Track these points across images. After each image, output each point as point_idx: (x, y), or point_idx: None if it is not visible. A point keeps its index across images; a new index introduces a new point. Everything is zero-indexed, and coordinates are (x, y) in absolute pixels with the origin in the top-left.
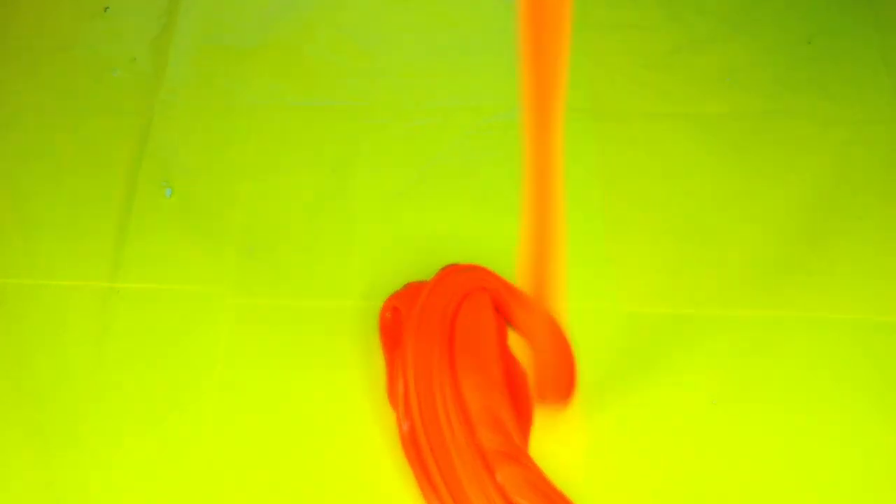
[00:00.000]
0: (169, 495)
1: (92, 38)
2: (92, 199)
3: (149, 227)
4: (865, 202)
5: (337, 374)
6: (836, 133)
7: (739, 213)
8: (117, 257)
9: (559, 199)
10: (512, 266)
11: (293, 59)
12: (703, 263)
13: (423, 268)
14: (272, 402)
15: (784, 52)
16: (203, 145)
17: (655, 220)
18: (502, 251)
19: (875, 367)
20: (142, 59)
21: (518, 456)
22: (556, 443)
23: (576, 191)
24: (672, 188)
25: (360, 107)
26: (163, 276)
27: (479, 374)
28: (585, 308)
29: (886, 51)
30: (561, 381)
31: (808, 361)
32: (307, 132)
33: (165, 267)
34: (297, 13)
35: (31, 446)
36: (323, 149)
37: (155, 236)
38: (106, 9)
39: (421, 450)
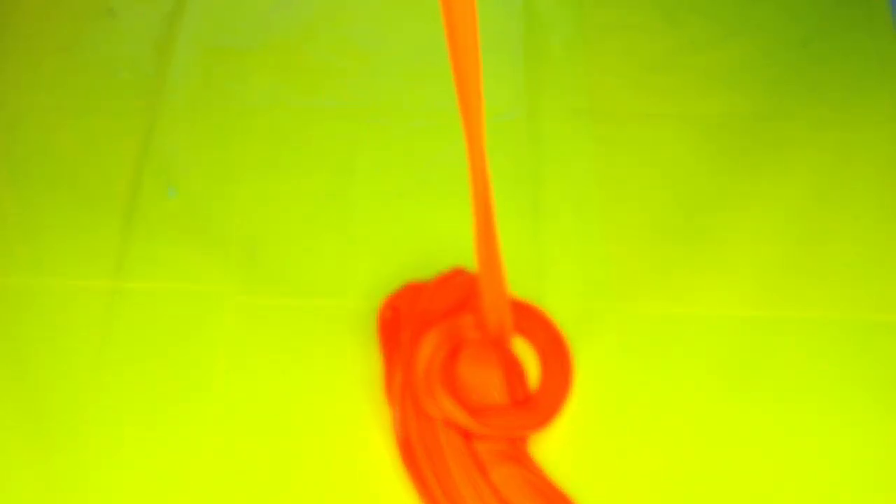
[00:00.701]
0: (170, 493)
1: (96, 39)
2: (96, 199)
3: (152, 227)
4: (861, 203)
5: (337, 372)
6: (831, 134)
7: (737, 213)
8: (121, 256)
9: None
10: (511, 267)
11: (294, 61)
12: (701, 264)
13: (422, 268)
14: (273, 399)
15: (780, 54)
16: (206, 145)
17: (653, 221)
18: (502, 252)
19: (873, 365)
20: (145, 60)
21: (516, 455)
22: (554, 441)
23: (574, 191)
24: (670, 189)
25: (361, 108)
26: (166, 275)
27: (478, 374)
28: (583, 308)
29: (881, 54)
30: (558, 381)
31: (807, 360)
32: (309, 133)
33: (168, 266)
34: (298, 15)
35: (32, 444)
36: (324, 149)
37: (158, 236)
38: (110, 10)
39: (415, 450)
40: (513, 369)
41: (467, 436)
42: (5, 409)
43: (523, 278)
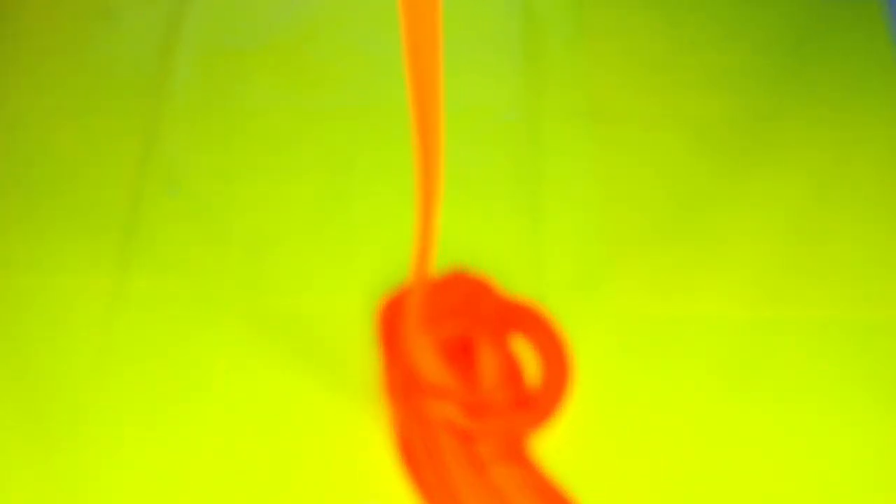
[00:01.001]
0: (170, 493)
1: (98, 39)
2: (97, 199)
3: (154, 227)
4: (861, 202)
5: (337, 371)
6: (830, 134)
7: (736, 213)
8: (122, 256)
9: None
10: (511, 267)
11: (296, 61)
12: (701, 264)
13: None
14: (273, 399)
15: (778, 55)
16: (207, 146)
17: (653, 221)
18: (502, 252)
19: (873, 364)
20: (147, 60)
21: (517, 455)
22: (554, 441)
23: (573, 191)
24: (670, 189)
25: (362, 108)
26: (167, 275)
27: (478, 374)
28: (582, 307)
29: (877, 53)
30: (558, 380)
31: (807, 360)
32: (310, 133)
33: (170, 265)
34: (300, 16)
35: (32, 444)
36: (325, 149)
37: (160, 236)
38: (110, 11)
39: (415, 450)
40: (511, 369)
41: (467, 435)
42: (6, 408)
43: (523, 278)
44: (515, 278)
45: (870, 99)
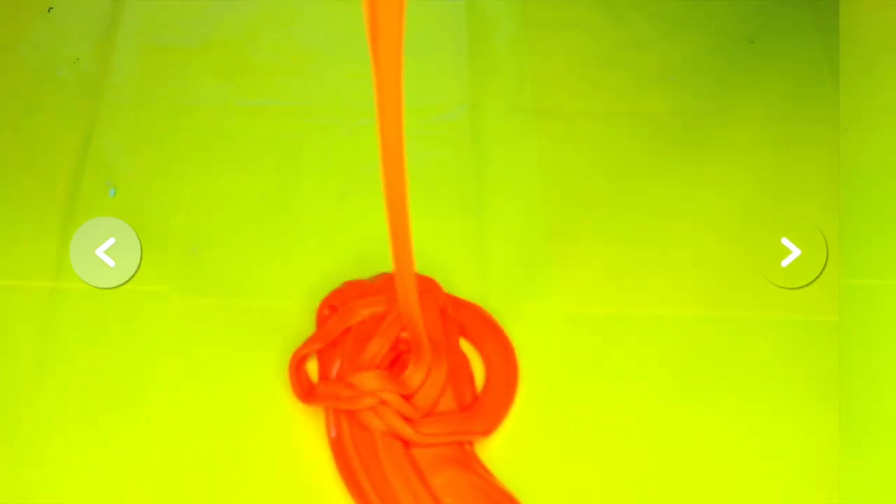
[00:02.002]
0: (114, 492)
1: (35, 37)
2: (34, 199)
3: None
4: (809, 201)
5: (279, 372)
6: (778, 132)
7: (682, 212)
8: (60, 257)
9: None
10: (455, 267)
11: (237, 60)
12: (646, 263)
13: (365, 268)
14: (214, 400)
15: (726, 51)
16: (147, 145)
17: (598, 220)
18: (446, 252)
19: (812, 362)
20: (85, 58)
21: (461, 458)
22: (498, 445)
23: (518, 190)
24: (615, 187)
25: (304, 106)
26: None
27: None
28: (527, 309)
29: (828, 50)
30: (504, 383)
31: (752, 361)
32: (252, 132)
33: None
34: (241, 14)
35: None
36: (268, 149)
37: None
38: (50, 9)
39: (349, 456)
40: (461, 372)
41: (406, 441)
42: None
43: (467, 278)
44: (459, 279)
45: (820, 96)
